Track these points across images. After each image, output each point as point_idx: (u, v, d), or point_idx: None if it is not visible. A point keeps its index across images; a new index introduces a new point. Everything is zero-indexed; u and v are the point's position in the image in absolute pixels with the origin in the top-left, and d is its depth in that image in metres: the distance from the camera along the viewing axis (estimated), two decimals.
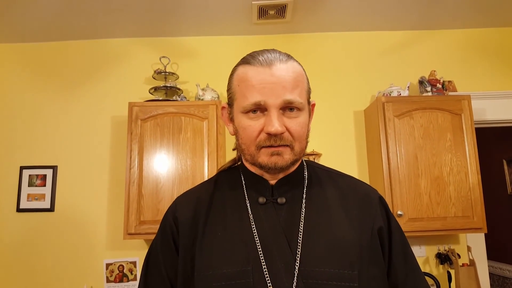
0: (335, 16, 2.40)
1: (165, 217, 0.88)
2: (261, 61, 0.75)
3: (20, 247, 2.35)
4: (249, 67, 0.77)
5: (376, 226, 0.81)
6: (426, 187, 2.07)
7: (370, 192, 0.88)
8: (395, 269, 0.82)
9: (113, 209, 2.38)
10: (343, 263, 0.74)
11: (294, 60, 0.80)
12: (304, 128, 0.78)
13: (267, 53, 0.78)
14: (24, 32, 2.47)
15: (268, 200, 0.81)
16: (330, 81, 2.55)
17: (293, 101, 0.74)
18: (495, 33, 2.60)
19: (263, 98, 0.73)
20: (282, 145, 0.75)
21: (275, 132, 0.73)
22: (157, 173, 2.10)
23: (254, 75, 0.75)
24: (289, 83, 0.74)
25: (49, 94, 2.53)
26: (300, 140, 0.77)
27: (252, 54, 0.80)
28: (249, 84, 0.75)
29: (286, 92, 0.74)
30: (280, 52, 0.80)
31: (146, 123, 2.14)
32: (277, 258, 0.74)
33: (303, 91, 0.78)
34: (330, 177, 0.89)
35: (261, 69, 0.75)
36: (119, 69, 2.57)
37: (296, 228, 0.77)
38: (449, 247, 2.27)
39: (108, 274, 2.29)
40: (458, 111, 2.14)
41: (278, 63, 0.75)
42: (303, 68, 0.82)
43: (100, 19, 2.34)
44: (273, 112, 0.73)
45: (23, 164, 2.43)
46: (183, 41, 2.60)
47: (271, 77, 0.74)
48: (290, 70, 0.76)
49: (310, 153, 2.40)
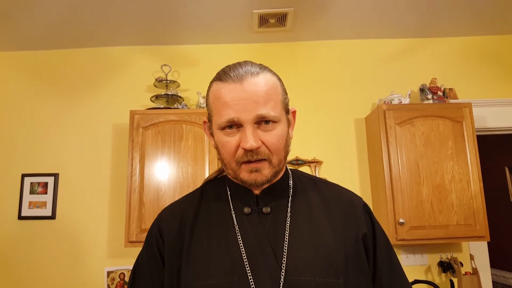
0: (336, 24, 2.42)
1: (151, 229, 0.87)
2: (233, 77, 0.76)
3: (22, 255, 2.34)
4: (221, 84, 0.77)
5: (361, 233, 0.82)
6: (428, 195, 2.06)
7: (354, 200, 0.89)
8: (380, 275, 0.83)
9: (114, 217, 2.38)
10: (328, 271, 0.74)
11: (268, 71, 0.80)
12: (281, 140, 0.78)
13: (239, 67, 0.78)
14: (26, 40, 2.49)
15: (253, 210, 0.82)
16: (331, 88, 2.56)
17: (266, 116, 0.75)
18: (495, 41, 2.61)
19: (236, 115, 0.74)
20: (259, 160, 0.76)
21: (250, 148, 0.74)
22: (158, 180, 2.10)
23: (226, 92, 0.76)
24: (261, 98, 0.75)
25: (50, 102, 2.55)
26: (277, 152, 0.78)
27: (224, 69, 0.80)
28: (222, 101, 0.76)
29: (259, 107, 0.74)
30: (253, 64, 0.80)
31: (148, 131, 2.15)
32: (262, 268, 0.74)
33: (277, 103, 0.78)
34: (314, 186, 0.90)
35: (233, 85, 0.75)
36: (121, 77, 2.58)
37: (281, 238, 0.78)
38: (451, 255, 2.25)
39: (109, 282, 2.29)
40: (459, 119, 2.14)
41: (249, 77, 0.76)
42: (278, 78, 0.82)
43: (102, 27, 2.36)
44: (247, 127, 0.74)
45: (24, 172, 2.43)
46: (184, 49, 2.61)
47: (242, 93, 0.74)
48: (262, 84, 0.76)
49: (311, 161, 2.40)
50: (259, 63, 0.83)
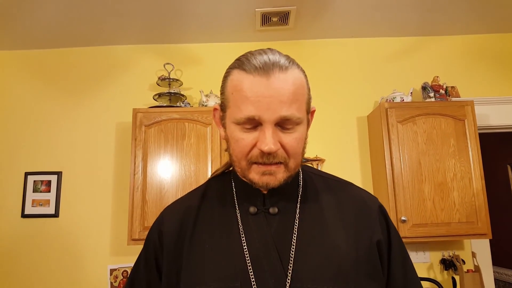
0: (338, 22, 2.42)
1: (150, 232, 0.84)
2: (258, 68, 0.67)
3: (25, 253, 2.36)
4: (244, 74, 0.68)
5: (375, 238, 0.76)
6: (430, 192, 2.07)
7: (369, 201, 0.82)
8: (395, 285, 0.78)
9: (117, 215, 2.39)
10: (337, 279, 0.69)
11: (296, 66, 0.72)
12: (300, 143, 0.72)
13: (265, 56, 0.69)
14: (29, 39, 2.49)
15: (260, 210, 0.76)
16: (333, 87, 2.56)
17: (290, 117, 0.68)
18: (498, 39, 2.60)
19: (257, 113, 0.66)
20: (275, 163, 0.69)
21: (269, 151, 0.67)
22: (161, 178, 2.10)
23: (249, 86, 0.67)
24: (287, 97, 0.67)
25: (53, 100, 2.56)
26: (295, 156, 0.71)
27: (247, 56, 0.71)
28: (243, 95, 0.68)
29: (284, 107, 0.67)
30: (281, 55, 0.71)
31: (150, 129, 2.16)
32: (267, 274, 0.69)
33: (303, 104, 0.71)
34: (326, 184, 0.83)
35: (258, 78, 0.67)
36: (124, 75, 2.59)
37: (288, 241, 0.72)
38: (453, 253, 2.26)
39: (112, 279, 2.30)
40: (462, 117, 2.14)
41: (277, 71, 0.67)
42: (304, 75, 0.74)
43: (105, 26, 2.36)
44: (267, 127, 0.67)
45: (27, 170, 2.45)
46: (187, 48, 2.62)
47: (267, 90, 0.66)
48: (289, 82, 0.68)
49: (314, 159, 2.40)
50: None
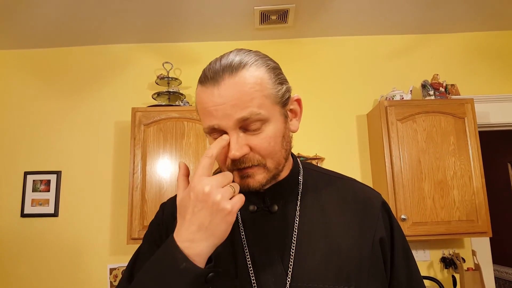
0: (337, 20, 2.41)
1: (155, 218, 0.84)
2: (209, 78, 0.68)
3: (24, 252, 2.35)
4: (201, 88, 0.69)
5: (378, 235, 0.75)
6: (429, 191, 2.06)
7: (372, 197, 0.80)
8: (397, 285, 0.76)
9: (117, 214, 2.39)
10: (338, 278, 0.68)
11: (252, 63, 0.68)
12: (273, 141, 0.69)
13: (218, 63, 0.69)
14: (27, 39, 2.49)
15: (259, 208, 0.75)
16: (333, 85, 2.55)
17: (248, 117, 0.65)
18: (497, 37, 2.59)
19: (216, 122, 0.67)
20: (250, 167, 0.68)
21: (233, 158, 0.66)
22: (160, 178, 2.10)
23: (205, 98, 0.68)
24: (239, 100, 0.65)
25: (52, 100, 2.55)
26: (271, 155, 0.69)
27: (205, 68, 0.71)
28: (203, 107, 0.69)
29: (238, 110, 0.65)
30: (238, 53, 0.70)
31: (149, 128, 2.15)
32: (267, 273, 0.69)
33: (264, 99, 0.67)
34: (328, 181, 0.82)
35: (210, 89, 0.67)
36: (122, 74, 2.58)
37: (289, 239, 0.72)
38: (453, 251, 2.25)
39: (112, 279, 2.29)
40: (461, 115, 2.14)
41: (226, 77, 0.66)
42: (267, 68, 0.70)
43: (103, 25, 2.36)
44: (231, 134, 0.67)
45: (27, 170, 2.44)
46: (185, 46, 2.61)
47: (219, 98, 0.66)
48: (239, 84, 0.66)
49: (313, 157, 2.40)
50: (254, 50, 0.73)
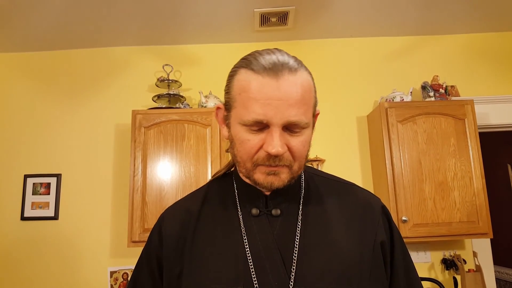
0: (337, 22, 2.41)
1: (151, 233, 0.84)
2: (267, 69, 0.66)
3: (25, 256, 2.35)
4: (252, 74, 0.67)
5: (379, 239, 0.76)
6: (430, 192, 2.06)
7: (372, 201, 0.82)
8: (398, 285, 0.78)
9: (117, 217, 2.38)
10: (340, 281, 0.69)
11: (305, 68, 0.71)
12: (306, 146, 0.71)
13: (274, 56, 0.68)
14: (27, 41, 2.49)
15: (262, 211, 0.76)
16: (333, 87, 2.55)
17: (298, 122, 0.67)
18: (497, 38, 2.60)
19: (266, 117, 0.65)
20: (281, 166, 0.69)
21: (276, 154, 0.66)
22: (161, 180, 2.10)
23: (257, 87, 0.66)
24: (296, 101, 0.66)
25: (52, 102, 2.55)
26: (300, 159, 0.71)
27: (255, 55, 0.70)
28: (252, 96, 0.66)
29: (292, 111, 0.66)
30: (289, 56, 0.70)
31: (150, 131, 2.15)
32: (270, 276, 0.69)
33: (310, 108, 0.70)
34: (329, 186, 0.83)
35: (267, 80, 0.65)
36: (123, 77, 2.58)
37: (291, 243, 0.72)
38: (454, 253, 2.25)
39: (113, 282, 2.29)
40: (462, 116, 2.14)
41: (286, 73, 0.66)
42: (312, 78, 0.73)
43: (103, 27, 2.36)
44: (275, 130, 0.66)
45: (27, 173, 2.44)
46: (186, 49, 2.61)
47: (277, 92, 0.65)
48: (298, 84, 0.67)
49: (313, 159, 2.40)
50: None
